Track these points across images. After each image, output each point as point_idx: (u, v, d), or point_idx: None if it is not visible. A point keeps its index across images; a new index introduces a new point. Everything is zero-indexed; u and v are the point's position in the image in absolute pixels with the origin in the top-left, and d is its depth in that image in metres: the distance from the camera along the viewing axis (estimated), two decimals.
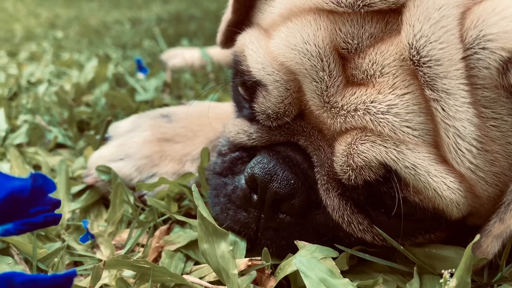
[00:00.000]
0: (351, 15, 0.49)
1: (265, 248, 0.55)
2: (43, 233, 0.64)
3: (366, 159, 0.48)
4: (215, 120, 0.78)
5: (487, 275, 0.52)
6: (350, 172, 0.49)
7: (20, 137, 0.97)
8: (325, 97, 0.50)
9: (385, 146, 0.47)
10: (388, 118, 0.46)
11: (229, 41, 0.70)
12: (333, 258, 0.52)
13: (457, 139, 0.45)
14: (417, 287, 0.50)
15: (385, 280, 0.52)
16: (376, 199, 0.52)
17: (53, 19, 3.68)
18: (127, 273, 0.54)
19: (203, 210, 0.52)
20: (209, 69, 1.58)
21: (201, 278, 0.54)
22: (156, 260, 0.59)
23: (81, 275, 0.57)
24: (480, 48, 0.44)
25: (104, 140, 0.83)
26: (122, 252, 0.61)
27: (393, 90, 0.47)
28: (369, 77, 0.48)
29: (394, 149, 0.47)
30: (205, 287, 0.52)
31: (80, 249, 0.62)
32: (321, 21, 0.49)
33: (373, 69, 0.48)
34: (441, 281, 0.43)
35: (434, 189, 0.47)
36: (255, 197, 0.55)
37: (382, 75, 0.47)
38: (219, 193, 0.61)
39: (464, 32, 0.44)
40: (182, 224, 0.66)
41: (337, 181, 0.52)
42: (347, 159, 0.49)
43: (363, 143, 0.48)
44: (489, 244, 0.48)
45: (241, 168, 0.60)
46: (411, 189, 0.48)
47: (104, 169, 0.71)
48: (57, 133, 0.97)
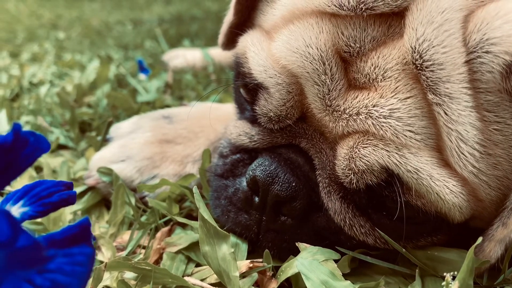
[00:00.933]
0: (354, 18, 0.48)
1: (267, 250, 0.55)
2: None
3: (368, 163, 0.48)
4: (216, 122, 0.78)
5: (487, 277, 0.51)
6: (352, 175, 0.49)
7: None
8: (327, 100, 0.50)
9: (387, 150, 0.47)
10: (390, 123, 0.46)
11: (230, 42, 0.70)
12: (334, 260, 0.52)
13: (459, 143, 0.45)
14: None
15: (387, 282, 0.52)
16: (378, 202, 0.51)
17: (55, 20, 3.69)
18: (128, 274, 0.54)
19: (204, 212, 0.52)
20: (210, 70, 1.58)
21: (202, 280, 0.54)
22: (158, 262, 0.59)
23: None
24: (483, 52, 0.43)
25: (106, 141, 0.83)
26: (124, 253, 0.60)
27: (395, 94, 0.47)
28: (371, 81, 0.48)
29: (396, 153, 0.46)
30: None
31: None
32: (323, 24, 0.49)
33: (375, 73, 0.48)
34: (443, 283, 0.43)
35: (436, 193, 0.46)
36: (256, 199, 0.55)
37: (385, 79, 0.47)
38: (220, 195, 0.61)
39: (467, 35, 0.44)
40: (184, 226, 0.66)
41: (338, 184, 0.52)
42: (349, 162, 0.49)
43: (365, 147, 0.48)
44: (492, 249, 0.48)
45: (242, 170, 0.60)
46: (413, 193, 0.48)
47: (106, 171, 0.71)
48: (59, 134, 0.97)
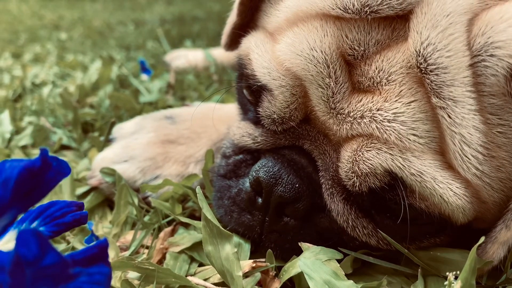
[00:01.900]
0: (358, 21, 0.48)
1: (270, 250, 0.55)
2: None
3: (371, 166, 0.48)
4: (218, 122, 0.78)
5: (489, 278, 0.51)
6: (355, 178, 0.49)
7: (24, 138, 0.97)
8: (331, 103, 0.50)
9: (390, 153, 0.47)
10: (394, 126, 0.46)
11: (233, 43, 0.70)
12: (337, 261, 0.52)
13: (463, 145, 0.45)
14: None
15: (389, 282, 0.52)
16: (381, 204, 0.51)
17: (57, 21, 3.70)
18: (132, 274, 0.54)
19: (207, 212, 0.52)
20: (212, 71, 1.58)
21: (205, 279, 0.54)
22: (161, 261, 0.59)
23: None
24: (488, 55, 0.43)
25: (108, 142, 0.83)
26: (127, 253, 0.61)
27: (399, 98, 0.46)
28: (375, 85, 0.48)
29: (400, 156, 0.46)
30: None
31: None
32: (327, 27, 0.49)
33: (379, 77, 0.48)
34: (446, 283, 0.43)
35: (440, 195, 0.46)
36: (259, 200, 0.55)
37: (389, 83, 0.47)
38: (223, 195, 0.61)
39: (472, 39, 0.44)
40: (187, 226, 0.66)
41: (341, 186, 0.52)
42: (352, 165, 0.49)
43: (368, 150, 0.48)
44: (495, 251, 0.48)
45: (245, 171, 0.60)
46: (416, 196, 0.48)
47: (108, 171, 0.72)
48: (62, 135, 0.98)
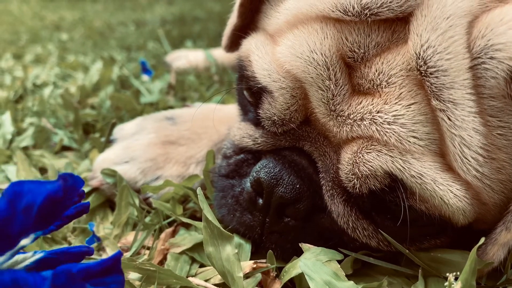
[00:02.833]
0: (358, 24, 0.48)
1: (270, 250, 0.55)
2: (49, 236, 0.64)
3: (371, 168, 0.48)
4: (219, 123, 0.78)
5: (489, 278, 0.52)
6: (355, 180, 0.49)
7: (26, 139, 0.97)
8: (331, 105, 0.50)
9: (391, 155, 0.47)
10: (394, 129, 0.46)
11: (234, 44, 0.70)
12: (338, 261, 0.52)
13: (463, 148, 0.45)
14: None
15: (389, 282, 0.52)
16: (382, 206, 0.51)
17: (58, 22, 3.71)
18: (133, 275, 0.54)
19: (208, 213, 0.52)
20: (213, 71, 1.59)
21: (206, 280, 0.54)
22: (162, 262, 0.59)
23: None
24: (488, 58, 0.43)
25: (109, 143, 0.84)
26: (128, 254, 0.61)
27: (399, 100, 0.47)
28: (375, 87, 0.48)
29: (400, 158, 0.47)
30: None
31: None
32: (327, 29, 0.49)
33: (379, 79, 0.48)
34: (446, 284, 0.43)
35: (440, 197, 0.47)
36: (260, 201, 0.55)
37: (389, 85, 0.47)
38: (226, 194, 0.61)
39: (472, 41, 0.44)
40: (187, 227, 0.66)
41: (342, 187, 0.52)
42: (352, 167, 0.49)
43: (369, 152, 0.48)
44: (495, 252, 0.48)
45: (247, 170, 0.60)
46: (417, 198, 0.48)
47: (109, 172, 0.72)
48: (63, 136, 0.98)
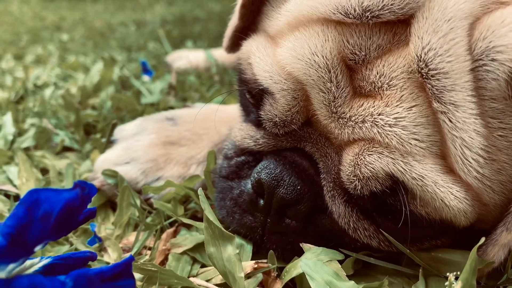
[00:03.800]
0: (359, 26, 0.48)
1: (271, 251, 0.55)
2: None
3: (373, 170, 0.48)
4: (220, 123, 0.78)
5: (489, 278, 0.52)
6: (357, 182, 0.49)
7: (27, 140, 0.97)
8: (332, 107, 0.50)
9: (392, 157, 0.47)
10: (395, 131, 0.46)
11: (235, 46, 0.70)
12: (338, 261, 0.52)
13: (464, 149, 0.45)
14: None
15: (390, 282, 0.52)
16: (383, 207, 0.51)
17: (58, 22, 3.71)
18: (135, 276, 0.54)
19: (209, 213, 0.52)
20: (214, 71, 1.59)
21: (207, 280, 0.54)
22: (163, 263, 0.60)
23: None
24: (489, 60, 0.43)
25: (110, 143, 0.84)
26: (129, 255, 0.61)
27: (400, 103, 0.47)
28: (376, 89, 0.48)
29: (401, 160, 0.47)
30: None
31: None
32: (328, 32, 0.49)
33: (380, 81, 0.48)
34: (447, 283, 0.43)
35: (441, 199, 0.47)
36: (261, 202, 0.55)
37: (390, 88, 0.47)
38: (225, 196, 0.61)
39: (473, 43, 0.44)
40: (189, 227, 0.66)
41: (343, 188, 0.52)
42: (354, 169, 0.49)
43: (370, 154, 0.48)
44: (496, 253, 0.48)
45: (247, 173, 0.60)
46: (418, 200, 0.48)
47: (110, 173, 0.72)
48: (64, 136, 0.98)
